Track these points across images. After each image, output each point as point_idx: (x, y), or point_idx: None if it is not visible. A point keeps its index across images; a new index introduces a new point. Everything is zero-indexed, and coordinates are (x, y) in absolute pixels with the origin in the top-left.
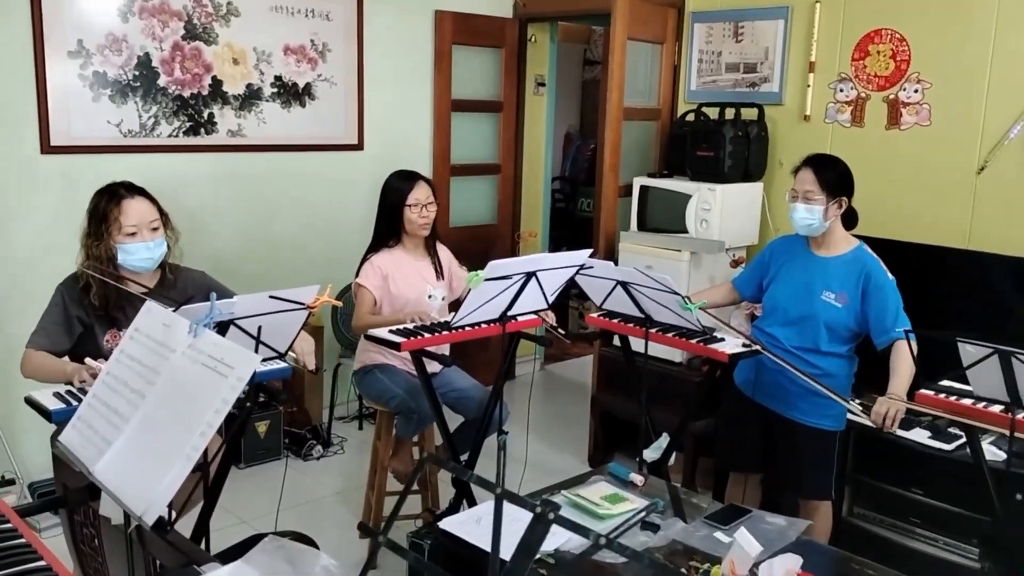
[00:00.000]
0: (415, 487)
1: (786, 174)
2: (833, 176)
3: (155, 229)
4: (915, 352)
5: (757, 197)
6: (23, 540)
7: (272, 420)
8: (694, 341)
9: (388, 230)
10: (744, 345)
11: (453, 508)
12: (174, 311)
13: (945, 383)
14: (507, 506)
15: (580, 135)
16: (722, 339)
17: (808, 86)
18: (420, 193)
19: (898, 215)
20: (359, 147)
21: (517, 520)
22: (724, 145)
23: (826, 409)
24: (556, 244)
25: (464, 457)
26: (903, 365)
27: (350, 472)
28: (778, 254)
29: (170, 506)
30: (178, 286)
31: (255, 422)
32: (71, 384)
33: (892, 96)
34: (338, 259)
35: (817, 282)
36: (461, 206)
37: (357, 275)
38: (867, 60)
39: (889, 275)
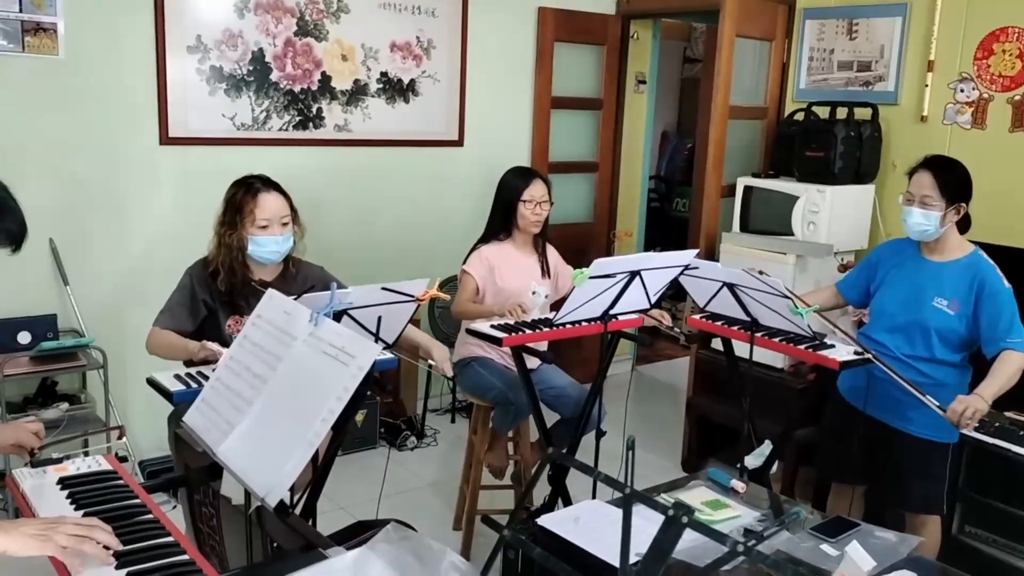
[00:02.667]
0: (508, 482)
1: (900, 177)
2: (953, 180)
3: (285, 224)
4: None
5: (868, 200)
6: (151, 516)
7: (369, 410)
8: (803, 347)
9: (500, 224)
10: (856, 353)
11: (548, 506)
12: (295, 299)
13: None
14: (603, 506)
15: (677, 134)
16: (832, 345)
17: (926, 86)
18: (536, 190)
19: (1020, 221)
20: (459, 143)
21: (615, 521)
22: (835, 145)
23: (939, 420)
24: (650, 244)
25: None
26: (1003, 372)
27: (443, 464)
28: (886, 258)
29: (291, 489)
30: (299, 279)
31: None
32: (192, 361)
33: (1018, 97)
34: (436, 255)
35: (928, 288)
36: (558, 204)
37: (465, 262)
38: (991, 59)
39: (1006, 283)
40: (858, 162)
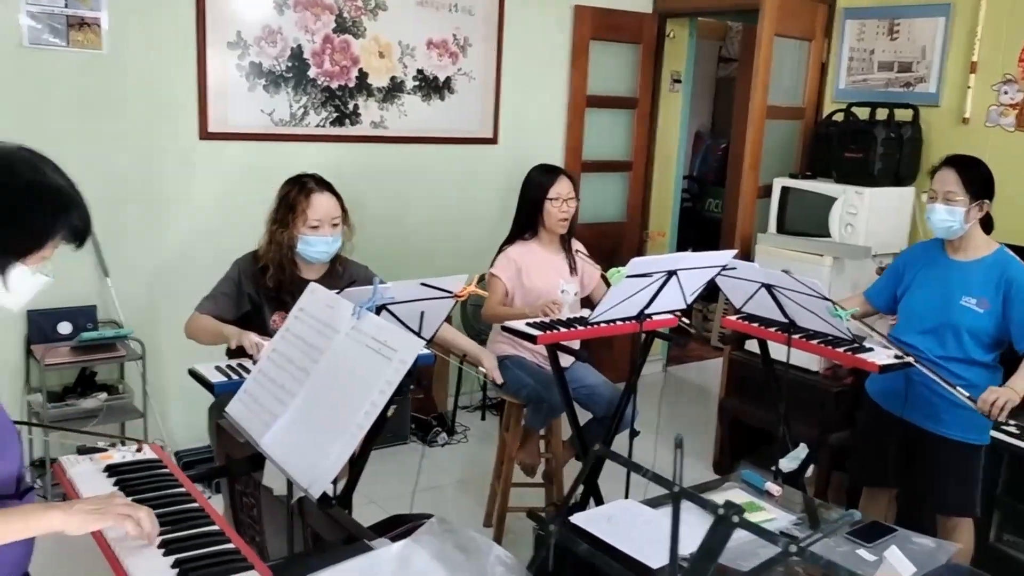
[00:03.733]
0: (540, 480)
1: None
2: (976, 177)
3: (335, 225)
4: None
5: (908, 202)
6: (196, 505)
7: (400, 405)
8: (841, 350)
9: (526, 223)
10: (896, 357)
11: (580, 504)
12: (338, 293)
13: None
14: (636, 506)
15: (711, 134)
16: (871, 349)
17: (968, 87)
18: (562, 188)
19: None
20: (493, 141)
21: (649, 521)
22: (875, 147)
23: (973, 422)
24: (682, 244)
25: None
26: None
27: (472, 461)
28: (912, 261)
29: (334, 482)
30: (344, 277)
31: None
32: (233, 351)
33: None
34: (468, 252)
35: (956, 287)
36: (590, 203)
37: (492, 265)
38: None
39: None
40: (898, 164)
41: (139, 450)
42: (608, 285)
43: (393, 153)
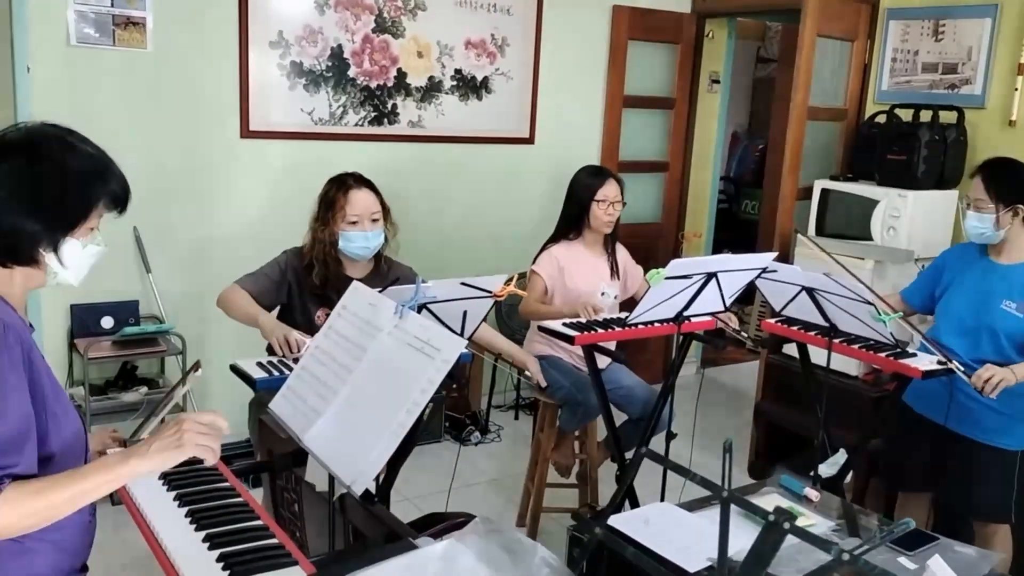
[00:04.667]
0: (573, 481)
1: None
2: (1005, 183)
3: (375, 220)
4: None
5: (951, 206)
6: (241, 499)
7: (435, 403)
8: (883, 355)
9: (572, 223)
10: (939, 363)
11: (616, 506)
12: (380, 292)
13: None
14: (673, 509)
15: (748, 135)
16: (914, 354)
17: (1015, 89)
18: (609, 190)
19: None
20: (530, 141)
21: (685, 524)
22: (919, 149)
23: (1010, 427)
24: (717, 246)
25: (629, 455)
26: None
27: (505, 460)
28: (952, 262)
29: (376, 480)
30: (389, 277)
31: None
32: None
33: None
34: (504, 251)
35: (996, 291)
36: (626, 203)
37: (534, 262)
38: None
39: None
40: (942, 166)
41: (196, 370)
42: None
43: (430, 152)
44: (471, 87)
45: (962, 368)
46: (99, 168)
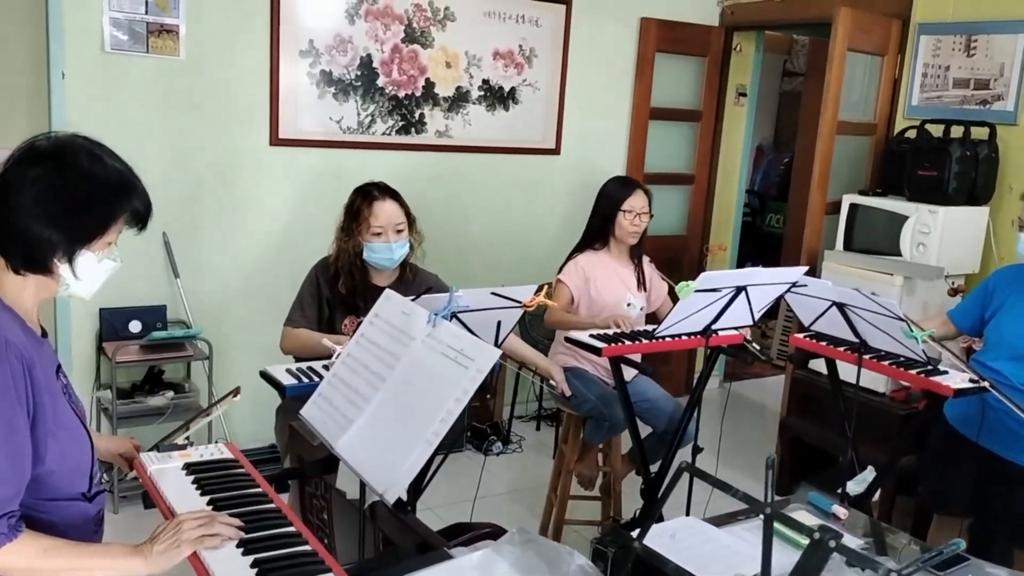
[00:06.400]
0: (596, 493)
1: (1016, 199)
2: None
3: (399, 231)
4: None
5: (982, 223)
6: (273, 505)
7: (460, 413)
8: (914, 372)
9: (598, 232)
10: (971, 381)
11: (640, 520)
12: (413, 300)
13: None
14: (699, 523)
15: (773, 148)
16: (945, 372)
17: None
18: (636, 201)
19: None
20: (556, 152)
21: (712, 540)
22: (949, 165)
23: None
24: (742, 259)
25: (654, 469)
26: None
27: (527, 471)
28: (1004, 284)
29: (408, 489)
30: (415, 284)
31: None
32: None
33: None
34: (531, 261)
35: None
36: (653, 215)
37: (560, 271)
38: None
39: None
40: (973, 183)
41: (236, 396)
42: (675, 301)
43: (456, 162)
44: (498, 97)
45: None
46: (124, 183)
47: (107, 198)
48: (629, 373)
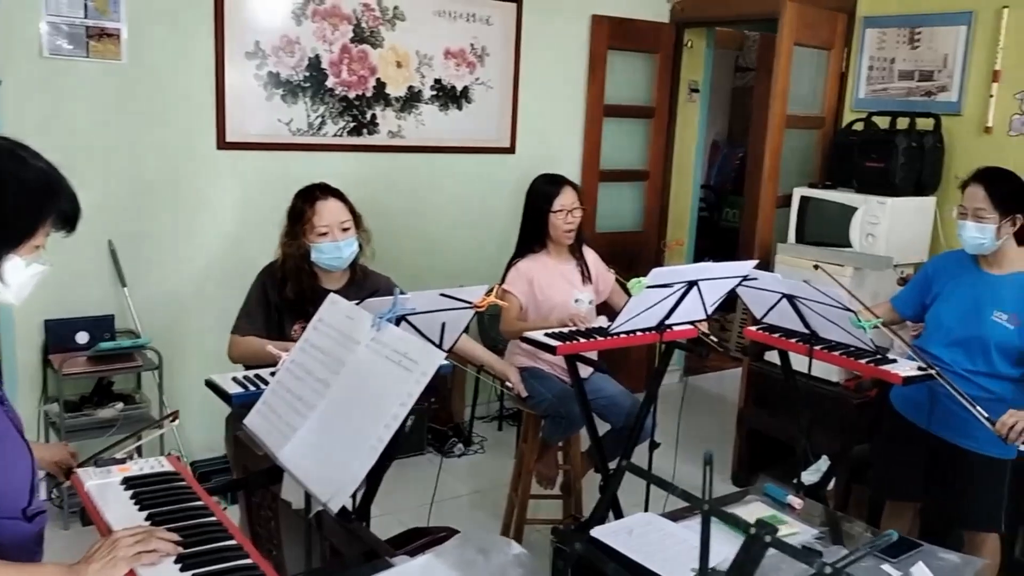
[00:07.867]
0: (557, 492)
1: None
2: (1006, 192)
3: (346, 229)
4: None
5: (929, 212)
6: (214, 519)
7: (417, 416)
8: (864, 361)
9: (533, 234)
10: (920, 368)
11: (599, 517)
12: (357, 304)
13: None
14: (657, 519)
15: (727, 143)
16: (894, 360)
17: (991, 96)
18: (566, 199)
19: None
20: (511, 150)
21: (670, 535)
22: (896, 156)
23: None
24: (699, 254)
25: (612, 465)
26: None
27: (489, 472)
28: (942, 271)
29: (353, 496)
30: (366, 287)
31: None
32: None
33: None
34: (487, 260)
35: (987, 301)
36: (608, 212)
37: (503, 281)
38: None
39: None
40: (919, 173)
41: (174, 420)
42: (625, 289)
43: (410, 162)
44: (451, 97)
45: (986, 415)
46: (50, 184)
47: (32, 200)
48: (586, 371)
